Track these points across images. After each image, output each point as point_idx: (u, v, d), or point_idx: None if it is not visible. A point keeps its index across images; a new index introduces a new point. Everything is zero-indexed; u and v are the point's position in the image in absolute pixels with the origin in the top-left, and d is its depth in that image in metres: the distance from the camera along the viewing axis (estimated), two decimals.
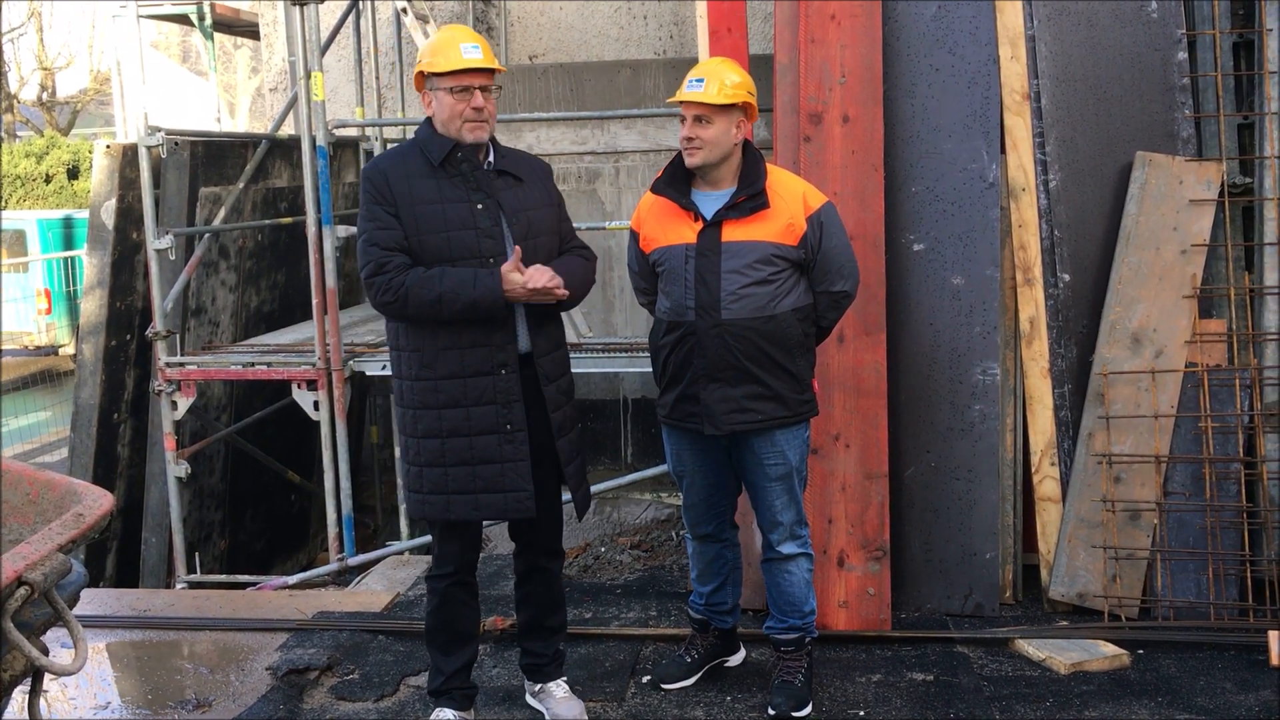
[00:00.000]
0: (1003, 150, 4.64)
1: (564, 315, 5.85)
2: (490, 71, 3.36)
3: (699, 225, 3.63)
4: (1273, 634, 4.06)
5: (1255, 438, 4.50)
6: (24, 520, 2.32)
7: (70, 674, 2.14)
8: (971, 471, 4.56)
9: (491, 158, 3.43)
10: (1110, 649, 4.12)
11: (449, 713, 3.62)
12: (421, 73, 3.40)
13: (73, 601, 2.20)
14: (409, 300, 3.28)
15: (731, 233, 3.60)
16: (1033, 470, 4.62)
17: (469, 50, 3.31)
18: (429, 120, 3.44)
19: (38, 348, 13.50)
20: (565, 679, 3.80)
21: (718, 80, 3.58)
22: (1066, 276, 4.64)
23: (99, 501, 2.23)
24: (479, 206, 3.35)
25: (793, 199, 3.64)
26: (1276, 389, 4.52)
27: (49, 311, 13.45)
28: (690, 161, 3.63)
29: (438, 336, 3.35)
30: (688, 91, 3.59)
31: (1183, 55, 4.64)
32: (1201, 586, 4.43)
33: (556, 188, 3.61)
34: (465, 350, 3.35)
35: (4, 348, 12.55)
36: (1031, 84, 4.65)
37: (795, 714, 3.73)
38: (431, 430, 3.39)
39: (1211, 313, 4.59)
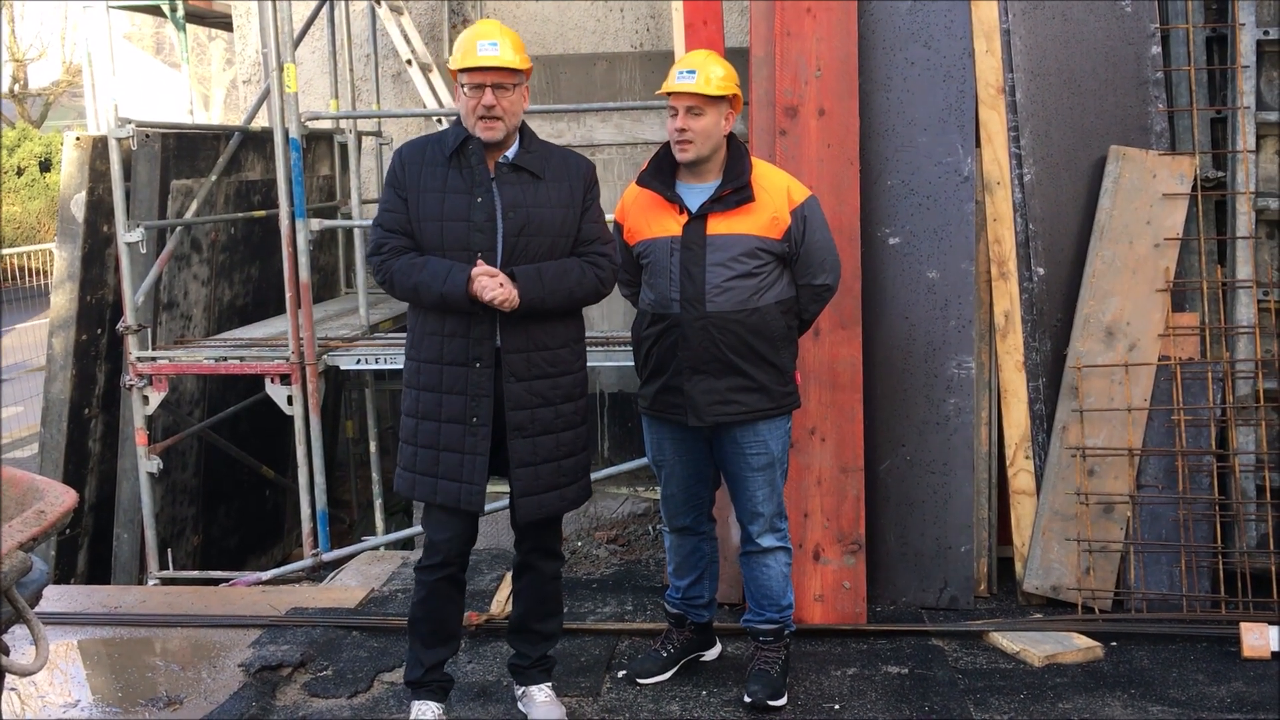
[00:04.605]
0: (977, 144, 4.64)
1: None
2: (508, 70, 3.33)
3: (684, 218, 3.62)
4: (1244, 626, 4.10)
5: (1227, 430, 4.53)
6: None
7: (31, 674, 2.11)
8: (946, 465, 4.56)
9: (511, 153, 3.41)
10: (1083, 641, 4.14)
11: (431, 706, 3.60)
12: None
13: (34, 600, 2.16)
14: (394, 284, 3.41)
15: (716, 226, 3.59)
16: (1007, 463, 4.63)
17: (484, 48, 3.31)
18: None
19: None
20: (550, 684, 3.73)
21: (708, 71, 3.57)
22: (1041, 270, 4.66)
23: (61, 499, 2.20)
24: (478, 200, 3.35)
25: (777, 193, 3.64)
26: (1249, 382, 4.54)
27: None
28: (683, 156, 3.61)
29: (426, 321, 3.45)
30: (679, 82, 3.56)
31: (1156, 49, 4.65)
32: (1174, 579, 4.45)
33: (590, 190, 3.50)
34: (445, 338, 3.39)
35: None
36: (1006, 78, 4.66)
37: (771, 702, 3.73)
38: (410, 409, 3.50)
39: (1184, 306, 4.61)
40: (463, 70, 3.34)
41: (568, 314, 3.49)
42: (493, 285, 3.26)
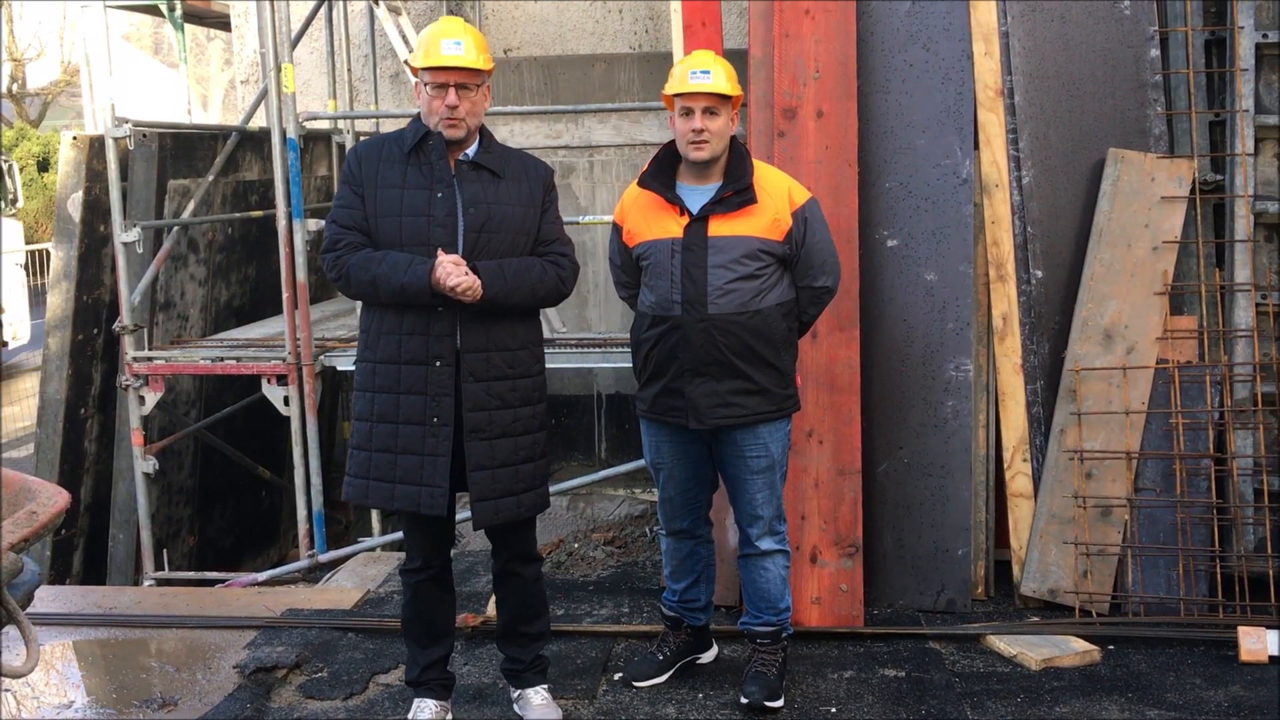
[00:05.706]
0: (976, 146, 4.64)
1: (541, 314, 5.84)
2: (472, 70, 3.32)
3: (685, 220, 3.61)
4: (1242, 630, 4.09)
5: (1225, 434, 4.52)
6: None
7: (21, 676, 2.10)
8: (944, 467, 4.55)
9: (472, 151, 3.40)
10: (1081, 645, 4.13)
11: (429, 703, 3.59)
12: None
13: (26, 602, 2.15)
14: (350, 279, 3.35)
15: (718, 228, 3.58)
16: (1005, 466, 4.62)
17: (448, 47, 3.29)
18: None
19: None
20: (546, 686, 3.72)
21: (720, 71, 3.56)
22: (1039, 273, 4.65)
23: (53, 500, 2.19)
24: (438, 195, 3.34)
25: (778, 194, 3.63)
26: (1247, 385, 4.54)
27: None
28: (698, 156, 3.58)
29: (382, 319, 3.38)
30: (695, 82, 3.53)
31: (1155, 52, 4.65)
32: (1171, 582, 4.44)
33: (549, 193, 3.51)
34: (404, 337, 3.34)
35: None
36: (1005, 80, 4.65)
37: (768, 703, 3.71)
38: (363, 413, 3.42)
39: (1183, 309, 4.60)
40: (425, 69, 3.32)
41: (527, 315, 3.47)
42: (458, 272, 3.23)
